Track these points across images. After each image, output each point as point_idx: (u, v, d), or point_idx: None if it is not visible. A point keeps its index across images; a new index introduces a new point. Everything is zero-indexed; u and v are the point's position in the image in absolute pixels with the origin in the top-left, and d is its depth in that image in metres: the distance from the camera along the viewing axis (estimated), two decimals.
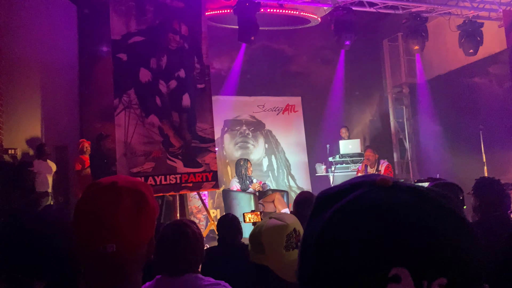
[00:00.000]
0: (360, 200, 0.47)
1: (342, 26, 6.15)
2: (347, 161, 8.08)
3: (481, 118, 7.63)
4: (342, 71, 9.43)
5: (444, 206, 0.47)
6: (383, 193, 0.47)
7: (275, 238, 1.48)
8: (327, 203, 0.49)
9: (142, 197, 0.96)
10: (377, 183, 0.48)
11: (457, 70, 8.69)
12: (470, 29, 7.10)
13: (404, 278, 0.42)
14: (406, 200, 0.46)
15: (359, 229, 0.45)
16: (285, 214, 1.63)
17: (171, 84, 4.60)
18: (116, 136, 4.43)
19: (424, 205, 0.46)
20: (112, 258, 0.93)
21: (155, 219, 0.99)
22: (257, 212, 4.02)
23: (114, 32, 4.51)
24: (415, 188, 0.48)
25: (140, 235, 0.95)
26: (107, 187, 0.96)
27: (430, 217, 0.46)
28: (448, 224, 0.46)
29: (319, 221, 0.48)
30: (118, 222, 0.93)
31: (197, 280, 2.02)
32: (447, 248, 0.44)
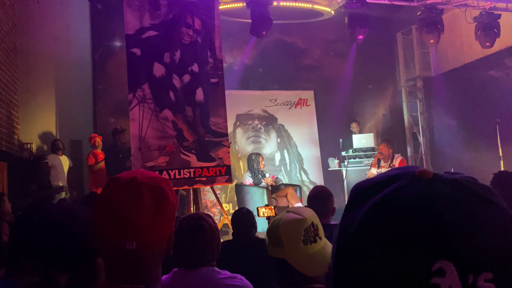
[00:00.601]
0: (401, 192, 0.46)
1: (356, 18, 6.08)
2: (360, 155, 8.02)
3: (497, 112, 7.51)
4: (355, 65, 9.34)
5: (487, 198, 0.46)
6: (423, 185, 0.46)
7: (293, 232, 1.48)
8: (364, 195, 0.48)
9: (162, 193, 0.96)
10: (417, 175, 0.47)
11: (473, 63, 8.55)
12: (487, 21, 6.97)
13: (449, 272, 0.41)
14: (448, 192, 0.45)
15: (400, 221, 0.44)
16: (303, 208, 1.62)
17: (185, 79, 4.61)
18: (131, 131, 4.46)
19: (467, 197, 0.45)
20: (132, 255, 0.93)
21: (174, 215, 0.99)
22: (271, 207, 4.01)
23: (127, 27, 4.52)
24: (456, 180, 0.47)
25: (160, 232, 0.95)
26: (128, 183, 0.96)
27: (474, 210, 0.44)
28: (492, 217, 0.44)
29: (356, 214, 0.47)
30: (138, 219, 0.92)
31: (213, 273, 2.03)
32: (492, 241, 0.43)
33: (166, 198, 0.95)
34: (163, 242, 0.97)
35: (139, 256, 0.94)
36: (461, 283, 0.41)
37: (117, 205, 0.94)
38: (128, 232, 0.92)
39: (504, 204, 0.47)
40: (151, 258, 0.96)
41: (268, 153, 8.97)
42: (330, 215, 2.96)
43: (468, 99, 8.52)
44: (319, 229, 1.53)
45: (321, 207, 2.93)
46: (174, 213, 0.98)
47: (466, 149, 8.35)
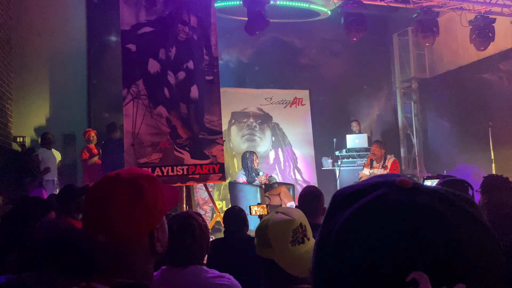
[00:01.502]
0: (380, 200, 0.46)
1: (352, 19, 6.10)
2: (354, 155, 8.05)
3: (490, 115, 7.56)
4: (350, 65, 9.36)
5: (465, 209, 0.46)
6: (403, 195, 0.46)
7: (282, 233, 1.49)
8: (345, 202, 0.48)
9: (139, 189, 0.97)
10: (397, 184, 0.47)
11: (468, 65, 8.60)
12: (481, 25, 7.01)
13: (423, 283, 0.41)
14: (427, 202, 0.45)
15: (378, 230, 0.44)
16: (292, 209, 1.63)
17: (180, 76, 4.60)
18: (124, 127, 4.45)
19: (445, 208, 0.45)
20: (105, 248, 0.95)
21: (155, 212, 0.98)
22: (263, 205, 4.03)
23: (123, 23, 4.51)
24: (435, 190, 0.47)
25: (134, 227, 0.95)
26: (110, 178, 1.00)
27: (451, 221, 0.44)
28: (469, 229, 0.45)
29: (336, 220, 0.47)
30: (109, 212, 0.94)
31: (202, 272, 2.04)
32: (468, 253, 0.43)
33: (142, 195, 0.96)
34: (141, 238, 0.97)
35: (114, 250, 0.95)
36: None
37: (92, 198, 0.98)
38: (99, 224, 0.95)
39: (481, 216, 0.47)
40: (129, 253, 0.96)
41: (263, 151, 8.99)
42: (321, 215, 2.98)
43: (462, 102, 8.57)
44: (307, 230, 1.54)
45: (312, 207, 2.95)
46: (153, 210, 0.98)
47: (458, 150, 8.41)
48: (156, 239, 0.99)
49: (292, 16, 8.83)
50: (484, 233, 0.46)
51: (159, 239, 1.00)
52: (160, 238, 1.00)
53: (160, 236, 1.00)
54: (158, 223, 1.00)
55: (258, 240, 1.56)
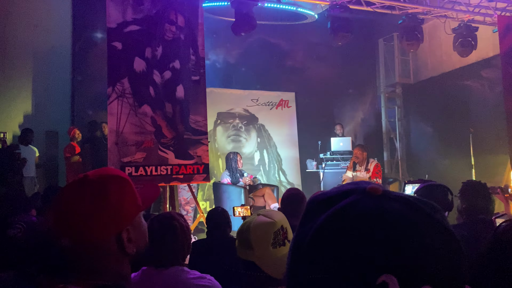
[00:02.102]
0: (352, 207, 0.48)
1: (339, 24, 6.16)
2: (338, 158, 8.13)
3: (471, 122, 7.72)
4: (336, 69, 9.45)
5: (432, 216, 0.48)
6: (373, 201, 0.48)
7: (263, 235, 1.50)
8: (318, 208, 0.50)
9: (104, 191, 0.96)
10: (368, 191, 0.49)
11: (451, 72, 8.76)
12: (464, 33, 7.16)
13: (392, 285, 0.43)
14: (395, 209, 0.48)
15: (350, 235, 0.46)
16: (273, 211, 1.65)
17: (166, 75, 4.58)
18: (108, 125, 4.41)
19: (413, 214, 0.48)
20: (71, 251, 0.94)
21: (123, 214, 0.98)
22: (246, 206, 4.04)
23: (110, 20, 4.47)
24: (404, 198, 0.50)
25: (98, 230, 0.94)
26: (78, 180, 0.99)
27: (419, 227, 0.47)
28: (435, 235, 0.47)
29: (311, 226, 0.49)
30: (70, 216, 0.94)
31: (182, 273, 2.04)
32: (434, 257, 0.46)
33: (106, 197, 0.95)
34: (107, 239, 0.96)
35: (79, 253, 0.94)
36: None
37: (57, 202, 0.98)
38: (62, 228, 0.95)
39: (447, 223, 0.50)
40: (97, 256, 0.95)
41: (248, 152, 9.00)
42: None
43: (445, 108, 8.72)
44: (288, 232, 1.56)
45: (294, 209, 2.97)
46: (118, 212, 0.97)
47: (440, 156, 8.55)
48: (126, 240, 0.97)
49: (279, 18, 8.87)
50: (449, 239, 0.48)
51: (132, 240, 0.99)
52: (133, 239, 0.99)
53: (133, 236, 0.99)
54: (128, 224, 0.98)
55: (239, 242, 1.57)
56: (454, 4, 6.98)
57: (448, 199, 2.74)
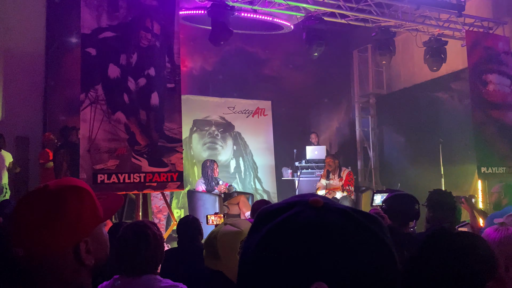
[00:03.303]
0: (292, 219, 0.52)
1: (313, 35, 6.27)
2: (313, 166, 8.23)
3: (441, 132, 7.95)
4: (312, 78, 9.60)
5: (368, 228, 0.52)
6: (313, 213, 0.52)
7: (230, 244, 1.52)
8: (265, 219, 0.54)
9: (60, 202, 0.95)
10: (310, 203, 0.53)
11: (422, 84, 9.02)
12: (435, 46, 7.40)
13: None
14: (333, 220, 0.51)
15: (287, 245, 0.50)
16: (240, 220, 1.67)
17: (140, 82, 4.56)
18: (81, 132, 4.35)
19: (349, 226, 0.51)
20: (26, 261, 0.93)
21: (80, 225, 0.96)
22: (220, 215, 4.05)
23: (84, 26, 4.43)
24: (343, 210, 0.53)
25: (53, 241, 0.93)
26: (37, 189, 0.98)
27: (352, 237, 0.50)
28: (368, 246, 0.51)
29: (256, 236, 0.53)
30: (24, 226, 0.93)
31: (155, 281, 2.04)
32: (364, 267, 0.49)
33: (62, 208, 0.94)
34: (64, 251, 0.95)
35: (35, 264, 0.93)
36: None
37: (14, 211, 0.97)
38: (16, 238, 0.94)
39: (384, 235, 0.53)
40: (52, 267, 0.94)
41: (224, 160, 9.00)
42: None
43: (416, 118, 8.96)
44: None
45: None
46: (76, 223, 0.95)
47: (412, 165, 8.76)
48: (84, 251, 0.96)
49: (256, 28, 8.96)
50: (381, 249, 0.51)
51: (91, 251, 0.98)
52: (92, 250, 0.98)
53: (92, 247, 0.98)
54: (86, 236, 0.97)
55: (206, 252, 1.58)
56: (425, 19, 7.22)
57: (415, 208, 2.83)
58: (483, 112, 6.97)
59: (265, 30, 9.14)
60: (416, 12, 6.93)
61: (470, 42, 7.06)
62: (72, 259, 0.96)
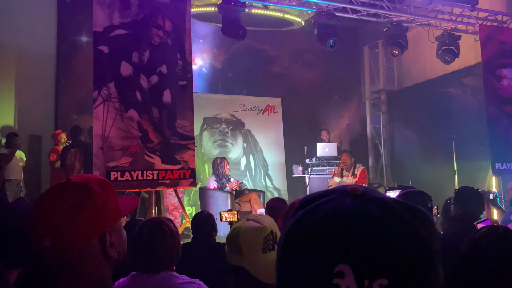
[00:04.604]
0: (326, 204, 0.52)
1: (325, 30, 6.23)
2: (324, 163, 8.18)
3: (454, 128, 7.86)
4: (322, 75, 9.54)
5: (405, 219, 0.51)
6: (348, 200, 0.52)
7: (253, 240, 1.50)
8: (304, 205, 0.54)
9: (87, 192, 0.96)
10: (348, 191, 0.53)
11: (434, 80, 8.92)
12: (447, 41, 7.31)
13: (347, 274, 0.47)
14: (368, 208, 0.50)
15: (315, 228, 0.50)
16: (263, 216, 1.65)
17: (152, 79, 4.56)
18: (94, 130, 4.36)
19: (385, 215, 0.50)
20: (52, 253, 0.93)
21: (106, 216, 0.97)
22: (233, 212, 4.03)
23: (96, 24, 4.43)
24: (381, 199, 0.52)
25: (81, 230, 0.93)
26: (60, 183, 0.99)
27: (386, 228, 0.49)
28: (402, 238, 0.49)
29: (291, 220, 0.54)
30: (53, 216, 0.93)
31: (172, 278, 2.03)
32: (393, 254, 0.48)
33: (90, 197, 0.95)
34: (90, 241, 0.95)
35: (61, 255, 0.93)
36: (357, 286, 0.46)
37: (39, 203, 0.97)
38: (44, 228, 0.93)
39: (422, 227, 0.51)
40: (78, 258, 0.94)
41: (234, 157, 8.99)
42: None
43: (428, 114, 8.87)
44: (278, 237, 1.56)
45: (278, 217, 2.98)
46: (102, 213, 0.96)
47: (424, 162, 8.68)
48: (108, 243, 0.97)
49: (266, 24, 8.93)
50: (417, 244, 0.50)
51: (113, 244, 0.98)
52: (115, 243, 0.98)
53: (114, 241, 0.98)
54: (110, 227, 0.98)
55: (229, 248, 1.56)
56: (438, 13, 7.13)
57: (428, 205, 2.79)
58: (497, 107, 6.87)
59: (275, 27, 9.10)
60: (428, 7, 6.85)
61: (483, 36, 6.96)
62: (97, 251, 0.96)
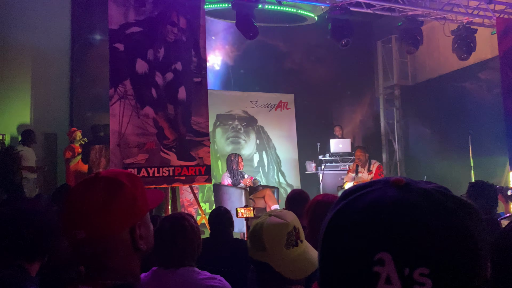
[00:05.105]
0: (368, 194, 0.53)
1: (339, 26, 6.19)
2: (337, 159, 8.14)
3: (470, 123, 7.76)
4: (335, 70, 9.48)
5: (448, 211, 0.50)
6: (390, 190, 0.52)
7: (276, 236, 1.50)
8: (346, 196, 0.55)
9: (118, 185, 0.97)
10: (391, 182, 0.53)
11: (449, 74, 8.81)
12: (464, 35, 7.21)
13: (388, 262, 0.47)
14: (410, 199, 0.50)
15: (357, 217, 0.51)
16: (285, 212, 1.64)
17: (168, 76, 4.58)
18: (110, 127, 4.41)
19: (428, 206, 0.50)
20: (85, 245, 0.94)
21: (135, 208, 0.98)
22: (249, 208, 4.04)
23: (112, 22, 4.46)
24: (425, 190, 0.52)
25: (114, 222, 0.95)
26: (90, 177, 1.01)
27: (424, 214, 0.49)
28: (444, 229, 0.49)
29: (332, 210, 0.55)
30: (86, 208, 0.95)
31: (193, 273, 2.04)
32: (432, 243, 0.48)
33: (121, 190, 0.96)
34: (121, 233, 0.96)
35: (94, 247, 0.95)
36: (397, 274, 0.46)
37: (71, 196, 0.99)
38: (77, 220, 0.95)
39: (467, 219, 0.50)
40: (110, 250, 0.96)
41: (247, 154, 9.00)
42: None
43: (443, 110, 8.77)
44: (300, 233, 1.56)
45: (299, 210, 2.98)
46: (132, 206, 0.98)
47: (438, 158, 8.59)
48: (138, 235, 0.98)
49: (279, 20, 8.89)
50: (461, 236, 0.49)
51: (142, 236, 0.99)
52: (144, 235, 1.00)
53: (143, 233, 1.00)
54: (140, 219, 0.99)
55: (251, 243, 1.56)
56: (453, 6, 7.02)
57: None
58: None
59: (288, 23, 9.06)
60: (444, 0, 6.75)
61: (501, 29, 6.84)
62: (127, 243, 0.98)
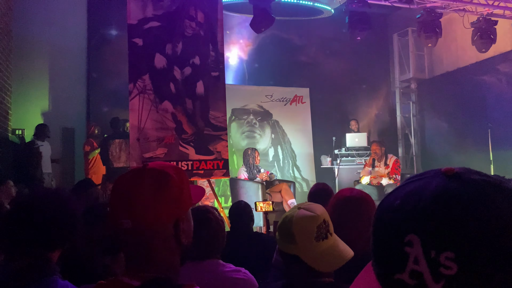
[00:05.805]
0: (416, 182, 0.55)
1: (357, 18, 6.12)
2: (353, 154, 8.10)
3: (489, 117, 7.64)
4: (350, 64, 9.40)
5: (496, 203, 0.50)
6: (441, 180, 0.53)
7: (306, 229, 1.50)
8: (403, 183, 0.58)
9: (165, 177, 0.97)
10: (442, 171, 0.55)
11: (467, 67, 8.67)
12: (484, 27, 7.07)
13: (416, 244, 0.51)
14: (448, 186, 0.52)
15: (398, 201, 0.55)
16: (314, 205, 1.64)
17: (186, 71, 4.60)
18: (130, 121, 4.45)
19: (475, 197, 0.51)
20: (131, 235, 0.95)
21: (181, 200, 0.99)
22: (268, 202, 4.05)
23: (130, 17, 4.49)
24: (474, 181, 0.53)
25: (160, 214, 0.95)
26: (137, 169, 1.01)
27: (473, 210, 0.50)
28: (490, 222, 0.49)
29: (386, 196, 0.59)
30: (134, 198, 0.95)
31: (218, 266, 2.05)
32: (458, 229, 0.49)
33: (168, 182, 0.97)
34: (166, 225, 0.97)
35: (139, 237, 0.96)
36: (424, 256, 0.49)
37: (118, 187, 0.99)
38: (124, 210, 0.95)
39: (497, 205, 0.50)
40: (154, 241, 0.96)
41: (262, 148, 9.00)
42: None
43: (460, 103, 8.64)
44: (330, 226, 1.56)
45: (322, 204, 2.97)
46: (178, 198, 0.98)
47: (456, 152, 8.48)
48: (181, 229, 0.98)
49: (294, 13, 8.83)
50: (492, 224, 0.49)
51: (185, 231, 1.00)
52: (186, 230, 1.00)
53: (186, 227, 1.00)
54: (184, 213, 1.00)
55: (281, 236, 1.56)
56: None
57: None
58: None
59: (304, 16, 9.00)
60: None
61: None
62: (170, 236, 0.98)
